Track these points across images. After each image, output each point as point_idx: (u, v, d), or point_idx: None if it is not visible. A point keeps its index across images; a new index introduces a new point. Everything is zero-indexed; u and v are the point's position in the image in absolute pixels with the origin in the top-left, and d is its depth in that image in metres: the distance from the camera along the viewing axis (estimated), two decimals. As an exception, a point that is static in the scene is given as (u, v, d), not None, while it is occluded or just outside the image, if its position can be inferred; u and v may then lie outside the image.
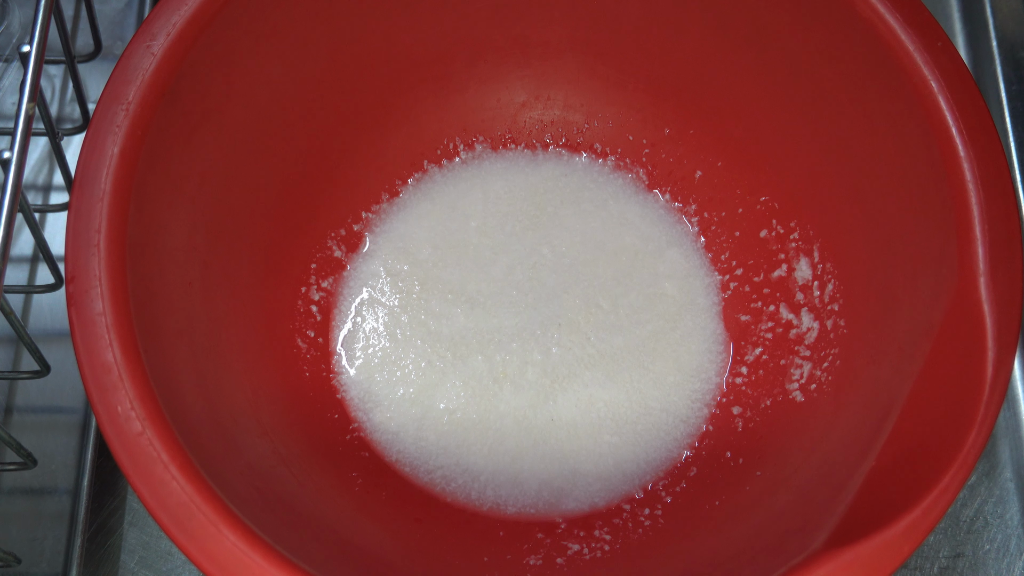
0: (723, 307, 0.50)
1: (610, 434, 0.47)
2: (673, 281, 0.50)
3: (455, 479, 0.46)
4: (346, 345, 0.48)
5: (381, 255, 0.50)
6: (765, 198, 0.49)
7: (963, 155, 0.37)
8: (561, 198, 0.52)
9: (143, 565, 0.46)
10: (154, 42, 0.38)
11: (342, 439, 0.46)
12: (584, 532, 0.44)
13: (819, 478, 0.39)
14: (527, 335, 0.49)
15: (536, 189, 0.52)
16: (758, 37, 0.45)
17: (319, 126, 0.47)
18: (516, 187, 0.52)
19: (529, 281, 0.50)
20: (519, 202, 0.52)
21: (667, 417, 0.47)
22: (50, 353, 0.42)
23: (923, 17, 0.39)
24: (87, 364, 0.33)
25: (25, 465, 0.41)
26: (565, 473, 0.46)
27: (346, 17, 0.44)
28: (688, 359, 0.49)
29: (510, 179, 0.52)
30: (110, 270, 0.34)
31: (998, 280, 0.36)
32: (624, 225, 0.51)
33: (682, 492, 0.45)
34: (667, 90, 0.50)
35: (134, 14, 0.56)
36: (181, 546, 0.31)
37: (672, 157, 0.51)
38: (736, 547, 0.40)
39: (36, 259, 0.51)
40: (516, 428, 0.47)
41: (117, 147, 0.36)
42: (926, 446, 0.35)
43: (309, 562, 0.32)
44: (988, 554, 0.48)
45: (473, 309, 0.49)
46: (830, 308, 0.45)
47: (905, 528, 0.32)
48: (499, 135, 0.53)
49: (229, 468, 0.35)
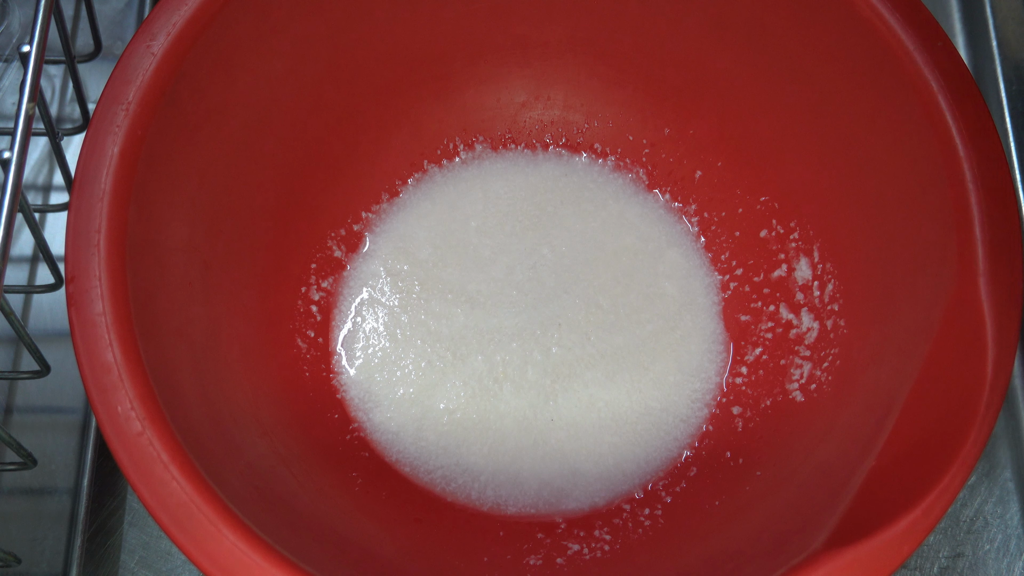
0: (723, 307, 0.50)
1: (610, 434, 0.47)
2: (673, 281, 0.50)
3: (455, 479, 0.46)
4: (346, 345, 0.48)
5: (381, 255, 0.50)
6: (765, 198, 0.49)
7: (963, 155, 0.38)
8: (561, 198, 0.52)
9: (143, 565, 0.46)
10: (154, 42, 0.38)
11: (342, 439, 0.46)
12: (584, 532, 0.44)
13: (819, 478, 0.39)
14: (527, 335, 0.49)
15: (536, 189, 0.52)
16: (758, 37, 0.45)
17: (319, 126, 0.47)
18: (516, 187, 0.52)
19: (529, 281, 0.50)
20: (519, 202, 0.52)
21: (667, 417, 0.47)
22: (50, 353, 0.42)
23: (923, 17, 0.39)
24: (87, 364, 0.33)
25: (25, 465, 0.41)
26: (565, 473, 0.46)
27: (346, 17, 0.44)
28: (688, 359, 0.49)
29: (510, 179, 0.52)
30: (110, 270, 0.34)
31: (998, 280, 0.36)
32: (624, 225, 0.51)
33: (682, 492, 0.45)
34: (667, 90, 0.50)
35: (134, 14, 0.56)
36: (181, 546, 0.31)
37: (672, 157, 0.51)
38: (736, 547, 0.40)
39: (36, 259, 0.51)
40: (516, 428, 0.47)
41: (117, 147, 0.36)
42: (926, 446, 0.35)
43: (309, 562, 0.32)
44: (988, 554, 0.48)
45: (473, 309, 0.49)
46: (830, 308, 0.45)
47: (905, 528, 0.32)
48: (499, 135, 0.53)
49: (229, 468, 0.35)
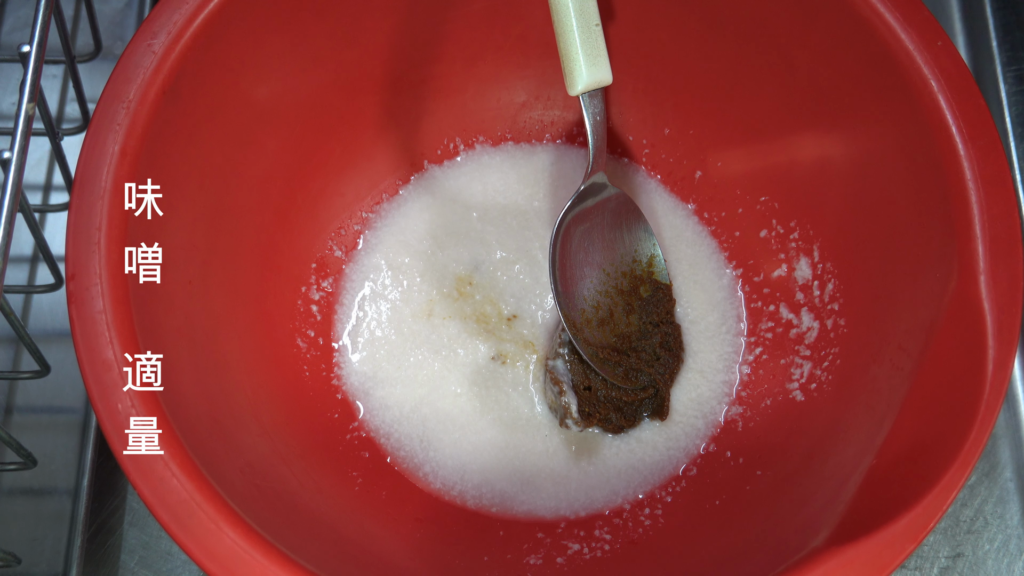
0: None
1: (611, 433, 0.47)
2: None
3: (455, 479, 0.46)
4: (348, 341, 0.48)
5: (382, 249, 0.50)
6: (765, 198, 0.49)
7: (963, 155, 0.38)
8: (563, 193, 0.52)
9: (143, 565, 0.46)
10: (155, 40, 0.38)
11: (342, 439, 0.46)
12: (584, 532, 0.44)
13: (819, 477, 0.39)
14: (529, 331, 0.49)
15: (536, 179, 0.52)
16: (758, 37, 0.45)
17: (319, 126, 0.47)
18: (514, 178, 0.52)
19: (532, 274, 0.50)
20: (516, 195, 0.52)
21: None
22: (50, 353, 0.42)
23: (923, 17, 0.39)
24: (87, 362, 0.33)
25: (25, 465, 0.41)
26: (567, 473, 0.46)
27: (346, 17, 0.44)
28: (688, 359, 0.49)
29: (505, 172, 0.52)
30: (110, 268, 0.34)
31: (998, 280, 0.36)
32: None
33: (682, 492, 0.45)
34: (667, 90, 0.50)
35: (134, 14, 0.56)
36: (181, 543, 0.31)
37: (672, 157, 0.51)
38: (736, 546, 0.40)
39: (36, 259, 0.51)
40: (517, 427, 0.47)
41: (118, 145, 0.36)
42: (926, 445, 0.35)
43: (309, 560, 0.32)
44: (988, 554, 0.48)
45: (475, 302, 0.49)
46: (830, 308, 0.45)
47: (905, 527, 0.32)
48: (499, 135, 0.53)
49: (229, 466, 0.35)
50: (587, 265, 0.47)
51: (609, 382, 0.46)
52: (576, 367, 0.46)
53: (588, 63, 0.42)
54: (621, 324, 0.47)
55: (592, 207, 0.47)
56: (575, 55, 0.42)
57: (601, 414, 0.46)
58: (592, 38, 0.42)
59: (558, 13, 0.41)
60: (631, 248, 0.48)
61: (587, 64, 0.42)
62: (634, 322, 0.47)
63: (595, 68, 0.42)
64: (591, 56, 0.42)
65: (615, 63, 0.43)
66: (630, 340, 0.47)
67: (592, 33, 0.41)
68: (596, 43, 0.42)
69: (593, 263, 0.47)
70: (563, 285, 0.45)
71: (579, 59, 0.42)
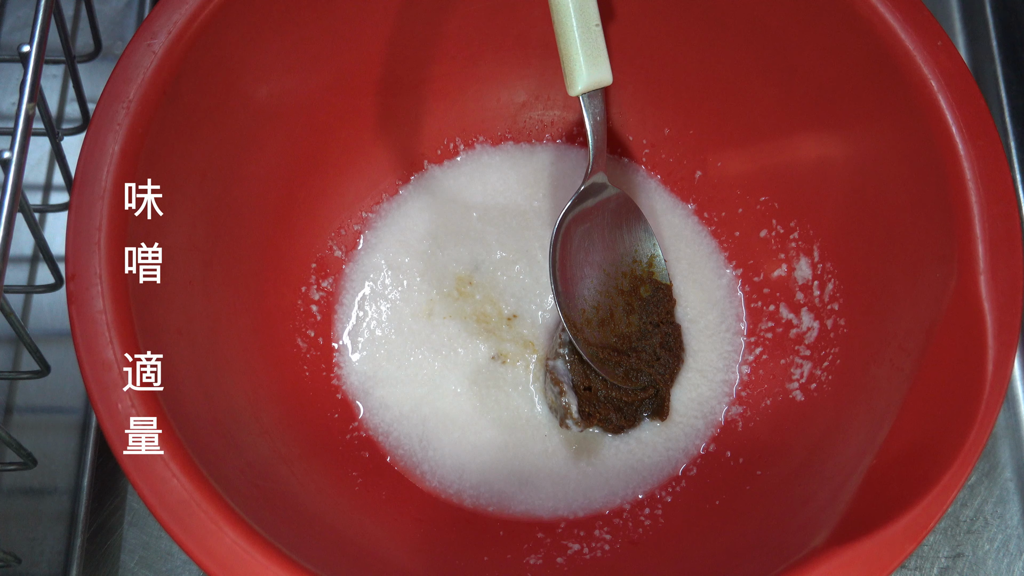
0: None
1: (611, 433, 0.47)
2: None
3: (455, 478, 0.46)
4: (348, 340, 0.48)
5: (382, 248, 0.50)
6: (765, 198, 0.49)
7: (963, 155, 0.38)
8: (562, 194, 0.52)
9: (143, 565, 0.46)
10: (155, 40, 0.38)
11: (342, 439, 0.46)
12: (584, 532, 0.44)
13: (819, 477, 0.39)
14: (529, 331, 0.49)
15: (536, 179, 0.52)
16: (758, 37, 0.45)
17: (319, 126, 0.47)
18: (514, 178, 0.52)
19: (532, 274, 0.50)
20: (516, 195, 0.52)
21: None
22: (50, 353, 0.42)
23: (923, 17, 0.39)
24: (87, 362, 0.33)
25: (25, 465, 0.41)
26: (567, 472, 0.46)
27: (346, 17, 0.44)
28: (688, 359, 0.49)
29: (505, 172, 0.52)
30: (110, 268, 0.34)
31: (998, 279, 0.36)
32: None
33: (682, 492, 0.45)
34: (667, 90, 0.50)
35: (134, 14, 0.56)
36: (181, 543, 0.31)
37: (672, 157, 0.51)
38: (736, 546, 0.40)
39: (36, 259, 0.51)
40: (517, 427, 0.47)
41: (118, 145, 0.36)
42: (926, 445, 0.35)
43: (309, 560, 0.32)
44: (988, 554, 0.48)
45: (475, 302, 0.49)
46: (830, 308, 0.45)
47: (905, 527, 0.32)
48: (499, 135, 0.53)
49: (229, 466, 0.35)
50: (587, 265, 0.47)
51: (609, 382, 0.46)
52: (576, 367, 0.46)
53: (588, 63, 0.42)
54: (621, 324, 0.47)
55: (592, 207, 0.47)
56: (575, 55, 0.42)
57: (601, 414, 0.46)
58: (592, 38, 0.42)
59: (558, 13, 0.41)
60: (631, 248, 0.48)
61: (587, 64, 0.42)
62: (634, 322, 0.47)
63: (595, 68, 0.42)
64: (591, 56, 0.42)
65: (615, 63, 0.43)
66: (630, 340, 0.47)
67: (592, 33, 0.41)
68: (596, 43, 0.42)
69: (593, 263, 0.47)
70: (563, 285, 0.45)
71: (579, 59, 0.42)
